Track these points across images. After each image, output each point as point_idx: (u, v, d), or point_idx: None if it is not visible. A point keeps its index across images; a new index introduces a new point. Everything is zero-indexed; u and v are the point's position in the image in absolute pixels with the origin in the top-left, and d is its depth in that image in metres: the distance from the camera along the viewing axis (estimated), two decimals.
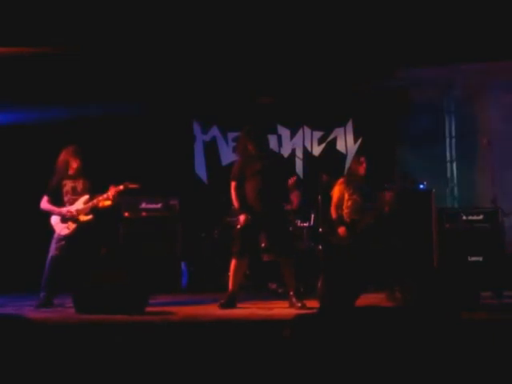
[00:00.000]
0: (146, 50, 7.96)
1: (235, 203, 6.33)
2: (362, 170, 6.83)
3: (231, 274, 6.23)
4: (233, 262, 6.23)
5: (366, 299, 5.72)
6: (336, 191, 6.86)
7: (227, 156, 8.72)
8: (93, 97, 7.98)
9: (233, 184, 6.34)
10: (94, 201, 6.49)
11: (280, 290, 6.93)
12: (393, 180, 7.68)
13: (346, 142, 8.77)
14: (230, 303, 6.13)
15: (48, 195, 6.54)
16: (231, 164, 7.04)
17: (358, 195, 6.73)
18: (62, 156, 6.57)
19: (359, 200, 6.71)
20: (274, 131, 8.70)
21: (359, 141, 8.71)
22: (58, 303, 6.33)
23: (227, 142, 8.85)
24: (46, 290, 6.35)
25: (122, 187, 6.46)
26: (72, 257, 6.40)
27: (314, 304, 5.95)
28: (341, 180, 6.92)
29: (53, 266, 6.39)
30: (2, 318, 4.34)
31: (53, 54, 7.50)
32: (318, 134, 8.82)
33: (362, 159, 6.92)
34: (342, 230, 6.75)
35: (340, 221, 6.81)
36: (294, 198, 7.58)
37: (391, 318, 3.52)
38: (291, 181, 6.22)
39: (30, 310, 5.95)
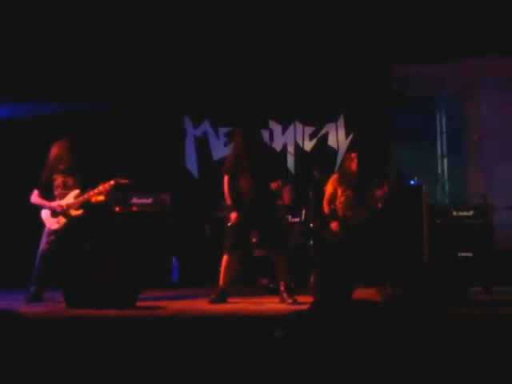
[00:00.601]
0: (137, 45, 7.98)
1: (227, 199, 6.32)
2: (353, 166, 6.82)
3: (222, 269, 6.24)
4: (224, 258, 6.24)
5: (356, 294, 5.69)
6: (329, 187, 6.88)
7: (218, 151, 8.72)
8: (82, 92, 8.00)
9: (225, 178, 6.33)
10: (85, 195, 6.45)
11: (271, 285, 6.92)
12: (385, 176, 7.62)
13: (338, 137, 8.78)
14: (221, 298, 6.13)
15: (38, 189, 6.50)
16: (222, 159, 7.08)
17: (351, 191, 6.74)
18: (54, 150, 6.52)
19: (352, 196, 6.72)
20: (266, 126, 8.60)
21: (350, 136, 8.73)
22: (49, 298, 6.30)
23: (218, 137, 8.84)
24: (36, 285, 6.32)
25: (112, 182, 6.42)
26: (62, 251, 6.35)
27: (305, 299, 5.95)
28: (334, 176, 6.94)
29: (43, 260, 6.36)
30: None
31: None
32: (309, 130, 8.83)
33: (354, 155, 6.92)
34: (334, 224, 6.74)
35: (333, 216, 6.81)
36: (286, 193, 7.59)
37: (383, 312, 3.53)
38: (274, 185, 6.19)
39: (20, 305, 5.92)
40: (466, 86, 8.35)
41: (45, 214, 6.47)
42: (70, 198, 6.45)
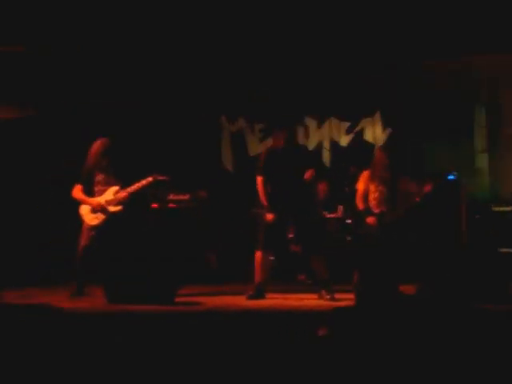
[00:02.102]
0: (176, 48, 8.03)
1: (263, 200, 6.37)
2: (384, 160, 6.73)
3: (256, 265, 6.29)
4: (257, 254, 6.30)
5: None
6: (361, 184, 6.77)
7: (254, 147, 8.74)
8: (122, 92, 8.14)
9: (259, 179, 6.38)
10: (124, 192, 6.52)
11: (309, 281, 6.95)
12: (421, 171, 7.58)
13: (375, 132, 8.69)
14: (259, 294, 6.17)
15: (80, 184, 6.59)
16: (258, 155, 7.10)
17: (384, 186, 6.62)
18: (96, 147, 6.60)
19: (385, 191, 6.61)
20: (302, 122, 8.68)
21: (387, 131, 8.63)
22: (89, 293, 6.37)
23: (254, 133, 8.85)
24: (77, 280, 6.43)
25: (150, 179, 6.49)
26: (102, 247, 6.41)
27: (343, 296, 5.98)
28: (365, 172, 6.81)
29: (83, 256, 6.45)
30: (34, 308, 4.43)
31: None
32: (345, 125, 8.76)
33: (383, 149, 6.84)
34: (371, 219, 6.59)
35: (368, 212, 6.75)
36: (321, 189, 7.58)
37: (423, 308, 3.51)
38: (307, 175, 6.20)
39: (61, 300, 5.98)
40: (506, 80, 8.20)
41: (84, 209, 6.56)
42: (110, 194, 6.53)
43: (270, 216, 6.24)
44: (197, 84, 8.41)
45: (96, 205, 6.52)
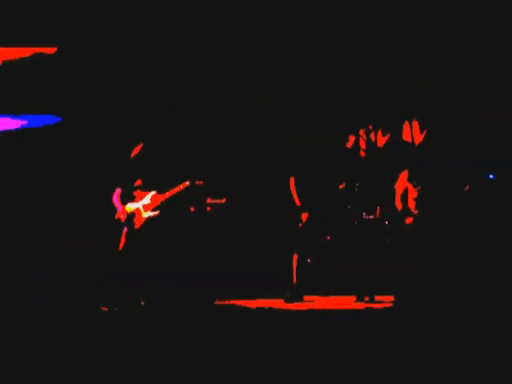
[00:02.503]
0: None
1: (295, 200, 6.41)
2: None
3: (294, 268, 6.33)
4: (294, 257, 6.37)
5: None
6: (399, 184, 6.78)
7: None
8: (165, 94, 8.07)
9: (291, 180, 6.43)
10: (162, 196, 6.58)
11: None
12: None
13: (412, 132, 8.52)
14: (296, 297, 6.21)
15: (120, 188, 6.68)
16: None
17: (422, 186, 6.64)
18: (135, 152, 6.72)
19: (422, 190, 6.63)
20: None
21: (425, 132, 8.43)
22: None
23: None
24: None
25: (187, 183, 6.58)
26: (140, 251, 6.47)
27: (380, 298, 5.98)
28: (403, 173, 6.83)
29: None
30: None
31: None
32: (382, 125, 8.58)
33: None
34: (409, 220, 6.60)
35: (407, 212, 6.67)
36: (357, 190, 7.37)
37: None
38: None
39: None
40: None
41: (124, 213, 6.61)
42: (148, 199, 6.60)
43: (304, 216, 6.30)
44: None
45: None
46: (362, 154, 8.18)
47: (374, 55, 7.97)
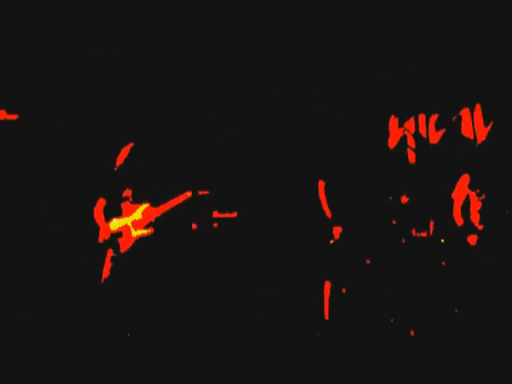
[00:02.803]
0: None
1: (326, 212, 5.86)
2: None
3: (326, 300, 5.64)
4: (327, 285, 5.70)
5: None
6: (459, 191, 6.17)
7: None
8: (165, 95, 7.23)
9: (320, 185, 5.84)
10: (156, 211, 5.98)
11: None
12: None
13: (474, 126, 7.63)
14: None
15: (104, 199, 5.97)
16: None
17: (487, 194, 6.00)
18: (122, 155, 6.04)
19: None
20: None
21: (490, 125, 7.51)
22: None
23: None
24: None
25: (189, 194, 6.13)
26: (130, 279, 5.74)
27: None
28: (464, 176, 6.24)
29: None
30: None
31: None
32: (435, 119, 7.74)
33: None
34: (472, 238, 5.89)
35: (469, 228, 6.04)
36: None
37: None
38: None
39: None
40: None
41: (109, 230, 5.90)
42: (139, 213, 5.89)
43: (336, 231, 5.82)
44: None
45: (119, 228, 5.85)
46: (410, 154, 7.61)
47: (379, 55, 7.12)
